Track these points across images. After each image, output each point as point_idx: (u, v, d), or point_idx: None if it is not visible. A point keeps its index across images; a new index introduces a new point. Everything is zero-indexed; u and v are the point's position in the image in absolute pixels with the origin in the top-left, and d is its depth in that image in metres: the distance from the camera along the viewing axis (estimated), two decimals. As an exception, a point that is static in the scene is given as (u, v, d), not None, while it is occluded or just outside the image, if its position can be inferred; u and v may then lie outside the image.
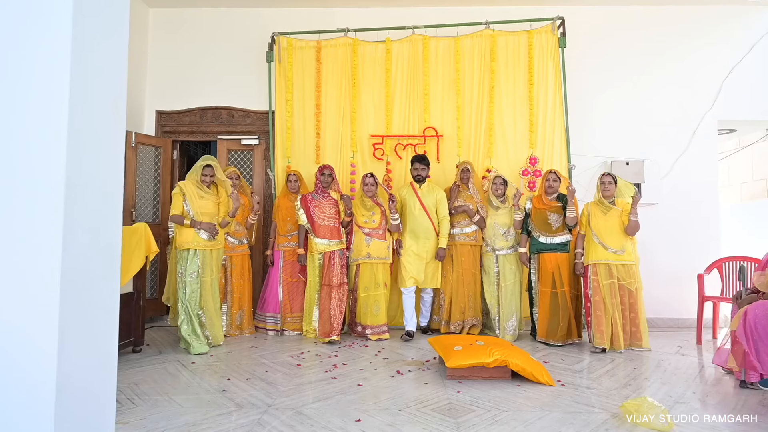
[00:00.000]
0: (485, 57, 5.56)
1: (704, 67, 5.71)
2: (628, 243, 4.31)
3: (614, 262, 4.28)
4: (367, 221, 4.79)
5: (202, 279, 4.25)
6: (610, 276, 4.27)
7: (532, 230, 4.65)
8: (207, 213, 4.30)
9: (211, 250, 4.32)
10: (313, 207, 4.77)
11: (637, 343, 4.26)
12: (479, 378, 3.34)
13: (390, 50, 5.63)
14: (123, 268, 3.92)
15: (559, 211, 4.59)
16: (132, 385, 3.22)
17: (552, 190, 4.64)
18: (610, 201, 4.37)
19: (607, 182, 4.40)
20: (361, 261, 4.75)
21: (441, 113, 5.57)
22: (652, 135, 5.69)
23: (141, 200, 5.75)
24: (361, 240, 4.77)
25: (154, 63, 6.14)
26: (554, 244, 4.55)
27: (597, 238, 4.33)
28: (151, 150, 5.91)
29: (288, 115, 5.61)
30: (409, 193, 4.92)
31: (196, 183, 4.33)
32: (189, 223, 4.22)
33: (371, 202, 4.77)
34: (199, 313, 4.25)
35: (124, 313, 4.10)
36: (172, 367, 3.72)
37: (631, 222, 4.26)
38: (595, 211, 4.42)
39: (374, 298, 4.72)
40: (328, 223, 4.75)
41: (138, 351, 4.20)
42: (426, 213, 4.83)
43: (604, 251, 4.29)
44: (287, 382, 3.32)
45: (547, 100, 5.45)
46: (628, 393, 3.10)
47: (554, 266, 4.50)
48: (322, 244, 4.72)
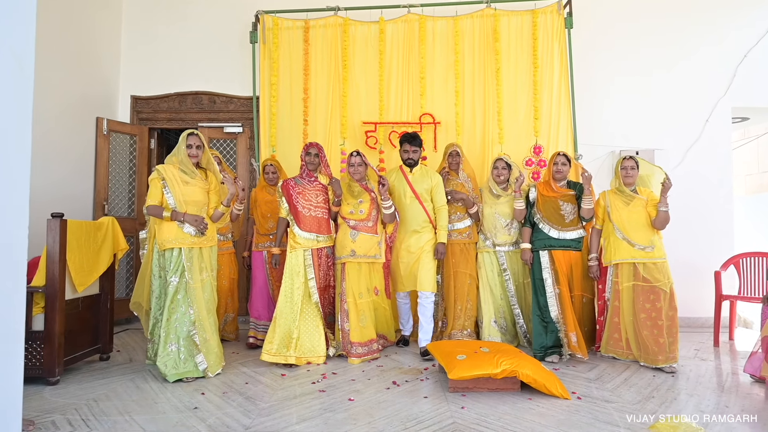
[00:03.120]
0: (486, 38, 5.17)
1: (718, 52, 5.36)
2: (656, 238, 3.69)
3: (642, 261, 3.63)
4: (353, 211, 3.88)
5: (189, 286, 3.31)
6: (635, 277, 3.65)
7: (539, 222, 3.94)
8: (193, 202, 3.39)
9: (200, 249, 3.40)
10: (296, 194, 3.85)
11: (671, 356, 3.48)
12: (485, 390, 2.98)
13: (383, 31, 5.23)
14: (88, 268, 3.54)
15: (572, 200, 3.92)
16: (90, 402, 2.81)
17: (561, 175, 3.95)
18: (631, 189, 3.78)
19: (629, 167, 3.76)
20: (345, 259, 3.84)
21: (438, 99, 5.18)
22: (663, 123, 5.34)
23: (114, 193, 5.33)
24: (346, 234, 3.85)
25: (129, 44, 5.70)
26: (568, 239, 3.87)
27: (620, 233, 3.70)
28: (126, 138, 5.48)
29: (273, 100, 5.20)
30: (399, 179, 4.13)
31: (179, 165, 3.43)
32: (169, 216, 3.30)
33: (359, 188, 3.89)
34: (191, 331, 3.29)
35: (90, 316, 3.72)
36: (141, 378, 3.32)
37: (660, 214, 3.62)
38: (616, 202, 3.78)
39: (360, 308, 3.81)
40: (315, 213, 3.83)
41: (106, 359, 3.80)
42: (419, 201, 4.03)
43: (629, 248, 3.66)
44: (269, 397, 2.93)
45: (552, 86, 5.08)
46: (653, 407, 2.74)
47: (567, 267, 3.86)
48: (308, 238, 3.79)
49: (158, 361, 3.23)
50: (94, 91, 5.30)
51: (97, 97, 5.34)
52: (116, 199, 5.35)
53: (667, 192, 3.63)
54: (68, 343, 3.33)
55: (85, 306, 3.59)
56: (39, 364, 3.14)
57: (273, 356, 3.58)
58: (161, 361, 3.21)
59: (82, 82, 5.07)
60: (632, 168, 3.76)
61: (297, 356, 3.61)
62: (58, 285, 3.19)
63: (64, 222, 3.27)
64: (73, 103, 4.94)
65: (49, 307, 3.17)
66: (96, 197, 5.18)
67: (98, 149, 5.21)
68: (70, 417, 2.57)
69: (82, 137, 5.04)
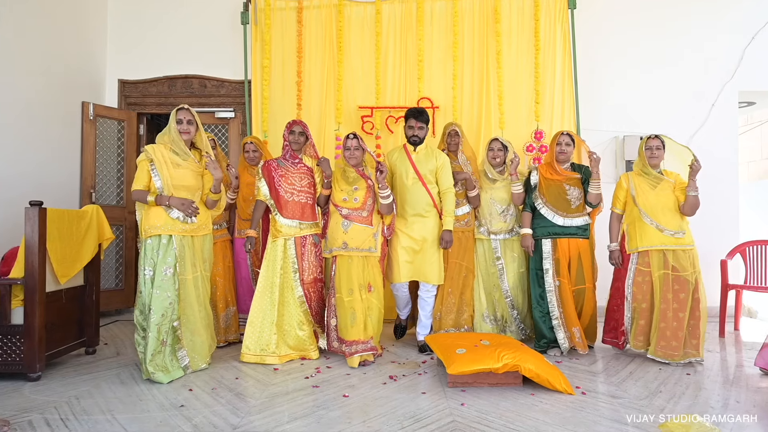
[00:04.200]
0: (486, 19, 4.98)
1: (724, 34, 5.18)
2: (685, 223, 3.42)
3: (671, 248, 3.35)
4: (347, 198, 3.48)
5: (181, 278, 3.05)
6: (665, 265, 3.37)
7: (541, 207, 3.64)
8: (183, 187, 3.08)
9: (192, 237, 3.10)
10: (279, 176, 3.49)
11: (693, 351, 3.29)
12: (486, 385, 2.85)
13: (380, 11, 5.04)
14: (70, 258, 3.38)
15: (577, 184, 3.63)
16: (71, 400, 2.68)
17: (565, 156, 3.65)
18: (657, 171, 3.48)
19: (654, 147, 3.44)
20: (336, 252, 3.47)
21: (437, 82, 5.00)
22: (668, 108, 5.17)
23: (102, 180, 5.15)
24: (338, 224, 3.47)
25: (116, 26, 5.49)
26: (574, 227, 3.59)
27: (648, 218, 3.39)
28: (114, 124, 5.30)
29: (265, 83, 5.01)
30: (401, 158, 3.74)
31: (170, 146, 3.11)
32: (153, 200, 3.01)
33: (355, 174, 3.50)
34: (174, 325, 3.03)
35: (74, 309, 3.57)
36: (127, 373, 3.18)
37: (690, 199, 3.33)
38: (641, 185, 3.47)
39: (349, 305, 3.40)
40: (298, 198, 3.47)
41: (92, 352, 3.66)
42: (423, 183, 3.65)
43: (658, 234, 3.37)
44: (260, 393, 2.80)
45: (554, 68, 4.91)
46: (662, 404, 2.62)
47: (574, 256, 3.59)
48: (290, 225, 3.45)
49: (149, 364, 2.92)
50: (80, 75, 5.10)
51: (83, 81, 5.14)
52: (104, 186, 5.17)
53: (695, 175, 3.32)
54: (50, 337, 3.18)
55: (68, 298, 3.44)
56: (18, 359, 3.00)
57: (253, 356, 3.38)
58: (152, 364, 2.93)
59: (66, 65, 4.88)
60: (657, 148, 3.45)
61: (280, 355, 3.39)
62: (38, 277, 3.04)
63: (44, 210, 3.10)
64: (57, 88, 4.75)
65: (29, 299, 3.02)
66: (83, 185, 5.00)
67: (84, 135, 5.02)
68: (49, 416, 2.44)
69: (67, 123, 4.86)
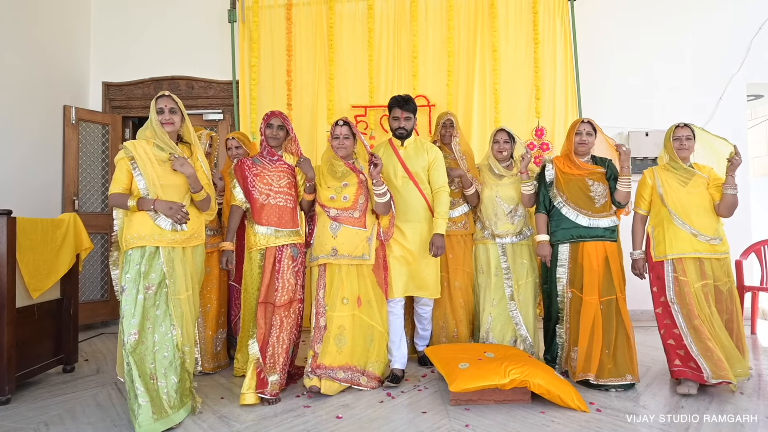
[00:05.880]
0: (483, 13, 4.78)
1: (731, 24, 4.98)
2: (721, 227, 2.95)
3: (708, 255, 2.86)
4: (335, 197, 2.96)
5: (173, 297, 2.51)
6: (703, 275, 2.87)
7: (561, 207, 3.09)
8: (172, 186, 2.59)
9: (183, 248, 2.58)
10: (253, 176, 2.97)
11: (741, 371, 2.80)
12: (491, 402, 2.64)
13: (372, 7, 4.85)
14: (45, 271, 3.15)
15: (601, 179, 3.10)
16: (40, 427, 2.45)
17: (586, 148, 3.13)
18: (687, 165, 3.00)
19: (683, 137, 2.95)
20: (324, 260, 2.94)
21: (432, 80, 4.81)
22: (674, 102, 4.96)
23: (85, 187, 4.94)
24: (325, 227, 2.96)
25: (100, 26, 5.29)
26: (601, 228, 3.03)
27: (679, 220, 2.90)
28: (97, 128, 5.08)
29: (253, 83, 4.81)
30: (387, 155, 3.24)
31: (153, 140, 2.64)
32: (135, 204, 2.50)
33: (344, 167, 2.97)
34: (166, 355, 2.48)
35: (50, 324, 3.33)
36: (104, 394, 2.95)
37: (727, 197, 2.86)
38: (670, 181, 2.98)
39: (337, 323, 2.89)
40: (275, 200, 2.94)
41: (70, 370, 3.43)
42: (414, 183, 3.19)
43: (691, 239, 2.87)
44: (246, 415, 2.57)
45: (555, 63, 4.70)
46: (687, 420, 2.41)
47: (602, 262, 3.00)
48: (264, 234, 2.91)
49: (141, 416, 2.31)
50: (61, 77, 4.88)
51: (65, 84, 4.92)
52: (87, 193, 4.95)
53: (735, 170, 2.83)
54: (22, 355, 2.96)
55: (43, 313, 3.21)
56: (-15, 382, 2.78)
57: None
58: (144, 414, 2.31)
59: (47, 67, 4.66)
60: (688, 138, 2.96)
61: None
62: (7, 292, 2.81)
63: (13, 220, 2.88)
64: (38, 91, 4.53)
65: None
66: (65, 192, 4.79)
67: (66, 140, 4.80)
68: (12, 447, 2.22)
69: (47, 127, 4.64)
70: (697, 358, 2.74)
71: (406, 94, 3.29)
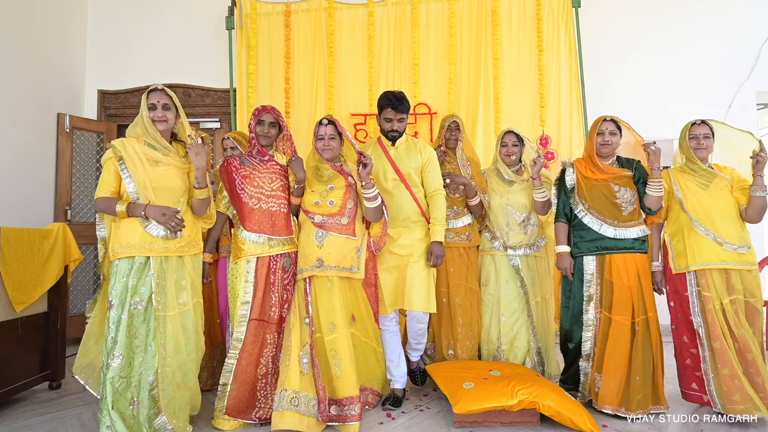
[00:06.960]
0: (485, 20, 4.68)
1: (739, 32, 4.88)
2: (747, 234, 2.66)
3: (736, 266, 2.58)
4: (320, 202, 2.70)
5: (159, 314, 2.32)
6: (731, 290, 2.59)
7: (583, 216, 2.77)
8: (166, 189, 2.38)
9: (180, 257, 2.41)
10: (241, 177, 2.69)
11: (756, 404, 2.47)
12: (498, 425, 2.49)
13: (372, 14, 4.75)
14: (30, 283, 3.02)
15: (629, 183, 2.77)
16: (17, 450, 2.32)
17: (609, 149, 2.80)
18: (707, 166, 2.75)
19: (701, 135, 2.71)
20: (309, 272, 2.63)
21: (434, 87, 4.70)
22: (682, 110, 4.83)
23: (79, 196, 4.82)
24: (310, 235, 2.66)
25: (95, 33, 5.21)
26: (630, 239, 2.71)
27: (702, 227, 2.63)
28: (92, 136, 4.98)
29: (251, 90, 4.71)
30: (377, 155, 2.95)
31: (144, 139, 2.43)
32: (123, 209, 2.31)
33: (330, 170, 2.73)
34: (149, 380, 2.30)
35: (35, 339, 3.18)
36: (89, 413, 2.81)
37: (756, 200, 2.58)
38: (689, 184, 2.73)
39: (330, 346, 2.58)
40: (267, 205, 2.66)
41: (56, 387, 3.29)
42: (405, 186, 2.92)
43: (716, 249, 2.60)
44: (237, 438, 2.44)
45: (560, 71, 4.59)
46: (705, 446, 2.26)
47: (633, 277, 2.68)
48: (255, 242, 2.62)
49: None
50: (56, 85, 4.79)
51: (59, 92, 4.83)
52: (81, 203, 4.83)
53: (762, 169, 2.55)
54: (4, 372, 2.82)
55: (27, 327, 3.07)
56: (-37, 401, 2.64)
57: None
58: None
59: (41, 74, 4.57)
60: (706, 136, 2.72)
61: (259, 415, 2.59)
62: (-12, 305, 2.70)
63: (-5, 229, 2.77)
64: (31, 98, 4.44)
65: (-24, 332, 2.67)
66: (57, 202, 4.67)
67: (59, 149, 4.69)
68: (-16, 474, 2.07)
69: (40, 136, 4.53)
70: (707, 387, 2.57)
71: (399, 92, 3.01)
